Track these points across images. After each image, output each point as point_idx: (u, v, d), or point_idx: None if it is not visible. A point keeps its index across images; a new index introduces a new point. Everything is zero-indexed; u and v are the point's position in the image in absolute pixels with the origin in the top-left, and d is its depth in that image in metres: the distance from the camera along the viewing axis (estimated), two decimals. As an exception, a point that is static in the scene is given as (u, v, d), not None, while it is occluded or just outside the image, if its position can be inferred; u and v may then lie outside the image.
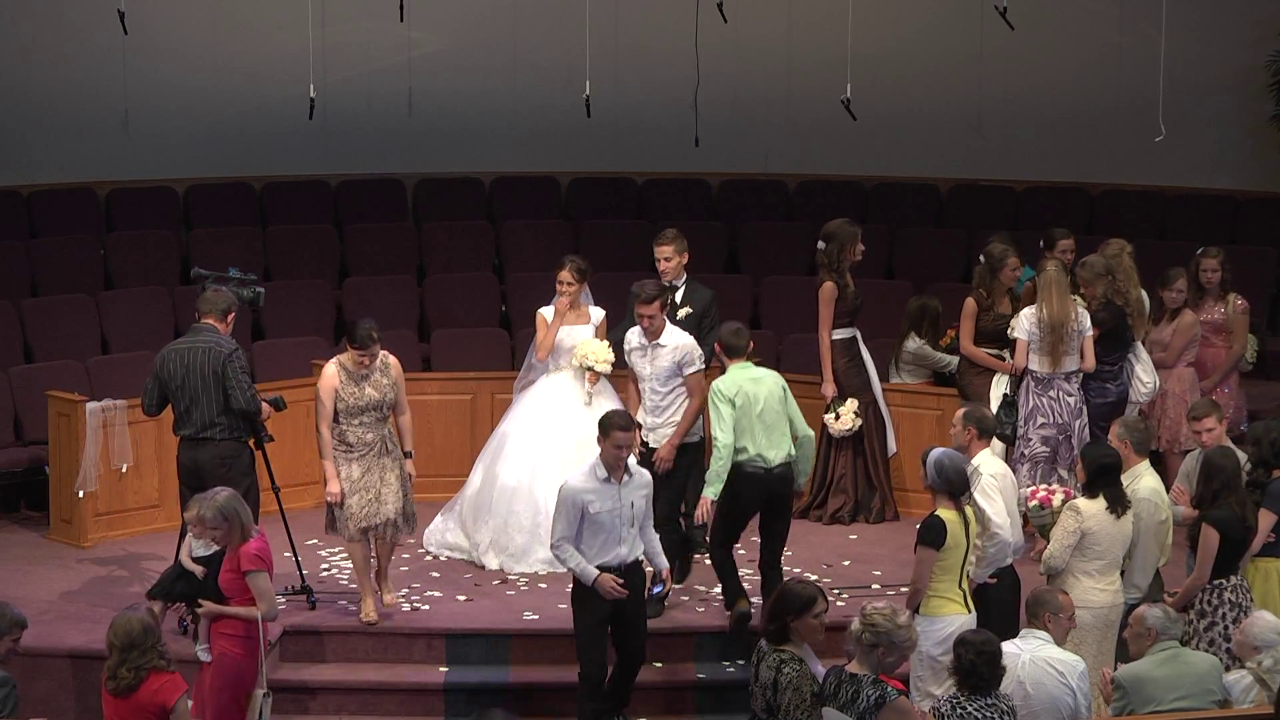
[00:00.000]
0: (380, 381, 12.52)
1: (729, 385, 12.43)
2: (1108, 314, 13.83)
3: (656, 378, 13.03)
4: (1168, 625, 10.32)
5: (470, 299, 17.35)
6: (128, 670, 9.68)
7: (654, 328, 13.00)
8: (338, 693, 12.32)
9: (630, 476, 11.57)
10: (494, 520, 13.64)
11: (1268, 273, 17.62)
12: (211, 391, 12.34)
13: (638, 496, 11.59)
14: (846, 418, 14.41)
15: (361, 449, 12.50)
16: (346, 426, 12.50)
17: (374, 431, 12.52)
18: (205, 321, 12.54)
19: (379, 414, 12.54)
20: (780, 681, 9.42)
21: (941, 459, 10.90)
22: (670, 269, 13.83)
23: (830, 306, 14.38)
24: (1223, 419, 12.24)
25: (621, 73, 18.25)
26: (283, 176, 18.45)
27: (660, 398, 13.04)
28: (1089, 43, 18.70)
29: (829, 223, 14.59)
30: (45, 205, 17.68)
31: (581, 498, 11.43)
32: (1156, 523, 11.58)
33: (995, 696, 9.51)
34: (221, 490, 10.96)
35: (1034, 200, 18.61)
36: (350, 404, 12.47)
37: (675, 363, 12.99)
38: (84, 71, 17.84)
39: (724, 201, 18.87)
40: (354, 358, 12.47)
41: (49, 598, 13.11)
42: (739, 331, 12.69)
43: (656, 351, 13.02)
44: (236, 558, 10.77)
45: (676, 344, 13.04)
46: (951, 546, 10.79)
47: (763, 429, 12.40)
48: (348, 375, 12.50)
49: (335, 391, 12.46)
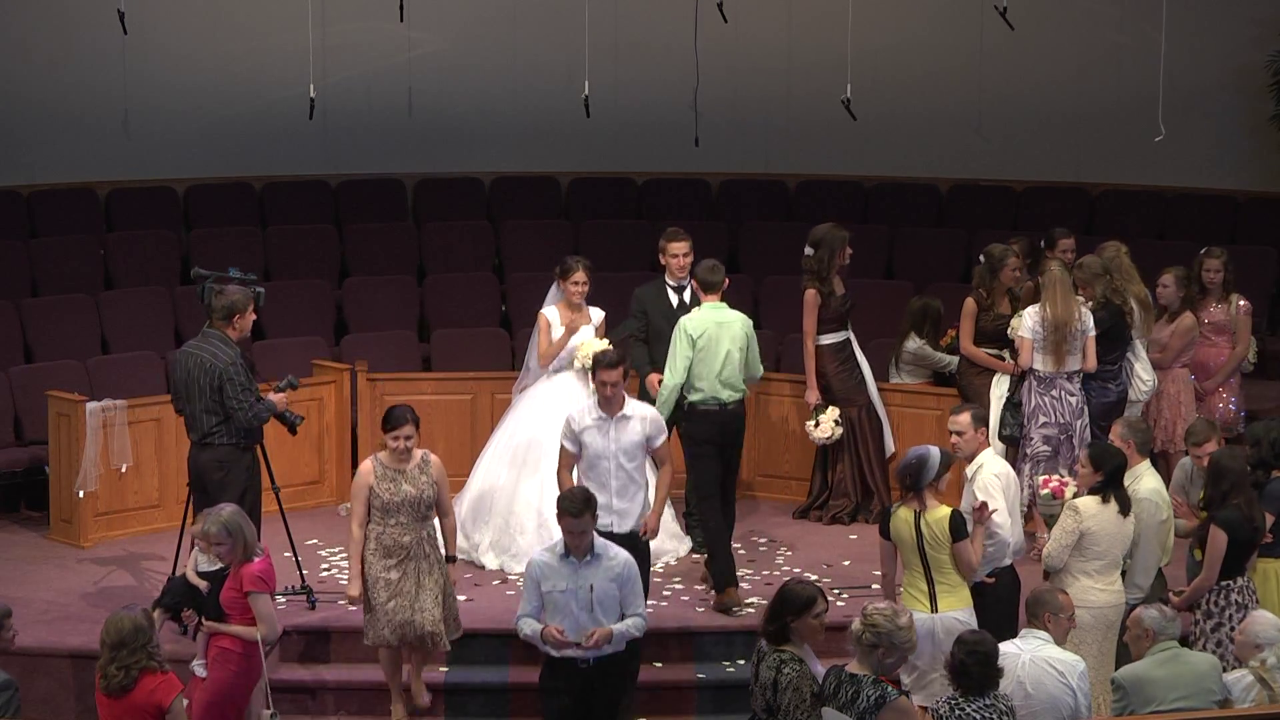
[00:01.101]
0: (419, 478, 11.66)
1: (696, 325, 12.92)
2: (1106, 313, 13.83)
3: (624, 453, 11.93)
4: (1164, 625, 10.32)
5: (470, 299, 17.35)
6: (117, 669, 9.67)
7: (616, 397, 11.93)
8: (338, 693, 12.33)
9: (594, 557, 10.61)
10: (494, 521, 13.65)
11: (1268, 273, 17.63)
12: (206, 400, 12.30)
13: (601, 580, 10.58)
14: (826, 425, 14.39)
15: (398, 551, 11.64)
16: (383, 527, 11.63)
17: (411, 533, 11.64)
18: (213, 328, 12.50)
19: (416, 513, 11.66)
20: (780, 681, 9.42)
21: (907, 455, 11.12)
22: (686, 266, 13.86)
23: (814, 313, 14.38)
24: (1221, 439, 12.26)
25: (621, 73, 18.26)
26: (283, 176, 18.46)
27: (627, 477, 11.94)
28: (1089, 43, 18.70)
29: (817, 228, 14.52)
30: (45, 205, 17.68)
31: (537, 571, 10.65)
32: (1157, 523, 11.59)
33: (994, 697, 9.50)
34: (226, 506, 10.95)
35: (1034, 200, 18.62)
36: (386, 501, 11.60)
37: (645, 435, 11.98)
38: (84, 71, 17.84)
39: (724, 201, 18.88)
40: (390, 451, 11.65)
41: (49, 598, 13.12)
42: (715, 268, 13.17)
43: (621, 426, 11.92)
44: (239, 576, 10.77)
45: (644, 414, 12.05)
46: (897, 541, 10.95)
47: (720, 373, 12.94)
48: (384, 470, 11.66)
49: (369, 489, 11.61)
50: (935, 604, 10.91)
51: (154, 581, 13.13)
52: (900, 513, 11.02)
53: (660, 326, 13.71)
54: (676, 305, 13.92)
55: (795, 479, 15.09)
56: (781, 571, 13.52)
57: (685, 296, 13.90)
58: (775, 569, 13.63)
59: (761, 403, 15.22)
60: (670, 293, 14.02)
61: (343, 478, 15.11)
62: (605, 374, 11.90)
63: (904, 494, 11.08)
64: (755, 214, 18.68)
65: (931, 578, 10.94)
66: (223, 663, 10.79)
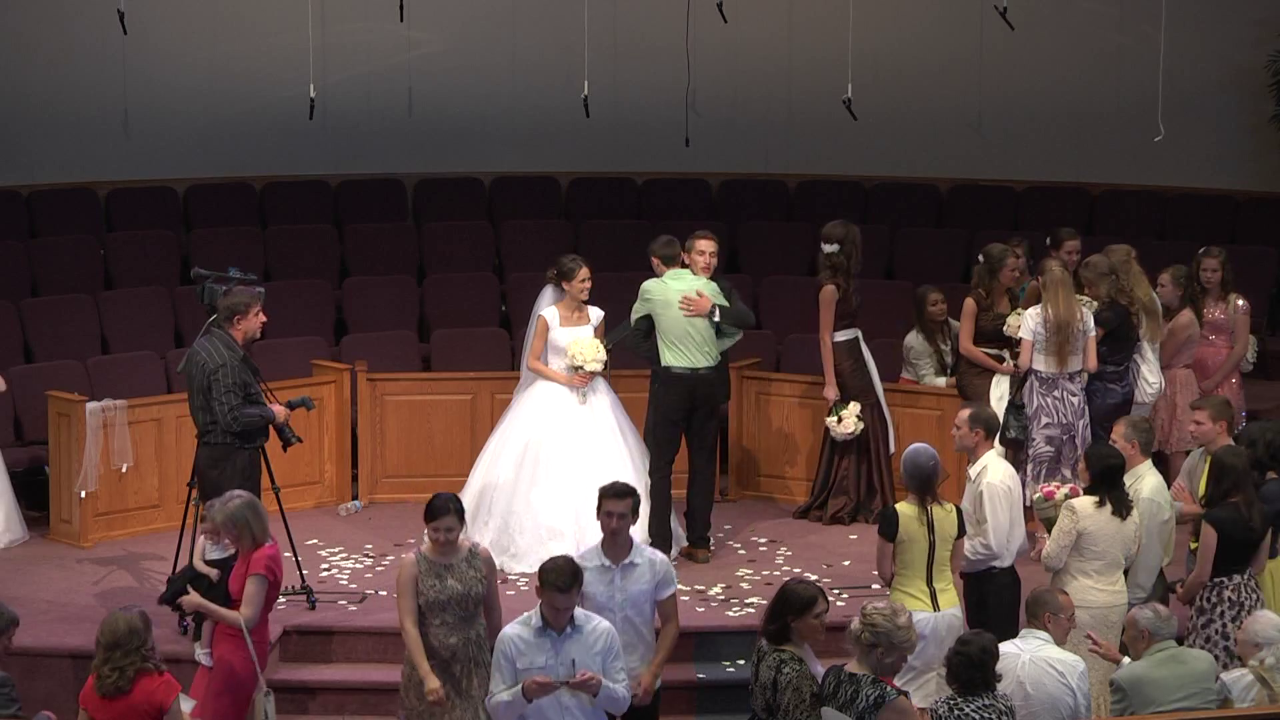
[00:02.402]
0: (466, 573, 10.49)
1: (656, 287, 13.42)
2: (1112, 314, 13.82)
3: (631, 605, 10.35)
4: (1159, 625, 10.31)
5: (470, 299, 17.35)
6: (111, 670, 9.64)
7: (622, 532, 10.34)
8: (338, 693, 12.33)
9: (574, 629, 9.72)
10: (494, 521, 13.65)
11: (1268, 273, 17.63)
12: (199, 397, 12.35)
13: (584, 655, 9.66)
14: (849, 421, 14.38)
15: (443, 652, 10.46)
16: (425, 626, 10.46)
17: (458, 633, 10.48)
18: (219, 327, 12.50)
19: (463, 611, 10.46)
20: (780, 681, 9.42)
21: (908, 454, 11.08)
22: (712, 266, 13.85)
23: (831, 309, 14.37)
24: (1220, 420, 12.19)
25: (621, 72, 18.26)
26: (283, 176, 18.46)
27: (635, 633, 10.35)
28: (1089, 43, 18.70)
29: (832, 226, 14.46)
30: (45, 205, 17.69)
31: (511, 648, 9.72)
32: (1160, 523, 11.57)
33: (992, 697, 9.50)
34: (237, 495, 10.95)
35: (1034, 200, 18.62)
36: (431, 599, 10.44)
37: (653, 583, 10.38)
38: (84, 71, 17.84)
39: (724, 201, 18.87)
40: (433, 544, 10.54)
41: (49, 598, 13.12)
42: (670, 242, 13.65)
43: (628, 573, 10.36)
44: (249, 561, 10.78)
45: (652, 558, 10.45)
46: (906, 541, 10.89)
47: (690, 340, 13.27)
48: (429, 565, 10.48)
49: (415, 583, 10.45)
50: (936, 602, 10.91)
51: (154, 581, 13.13)
52: (909, 511, 10.97)
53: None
54: None
55: (795, 479, 15.09)
56: (781, 571, 13.52)
57: None
58: (775, 569, 13.63)
59: (761, 402, 15.22)
60: None
61: (342, 478, 15.13)
62: (611, 504, 10.39)
63: (919, 495, 10.98)
64: (755, 214, 18.68)
65: (932, 576, 10.93)
66: (230, 647, 10.80)
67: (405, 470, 15.18)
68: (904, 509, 10.99)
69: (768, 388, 15.24)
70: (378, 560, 13.80)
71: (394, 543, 14.14)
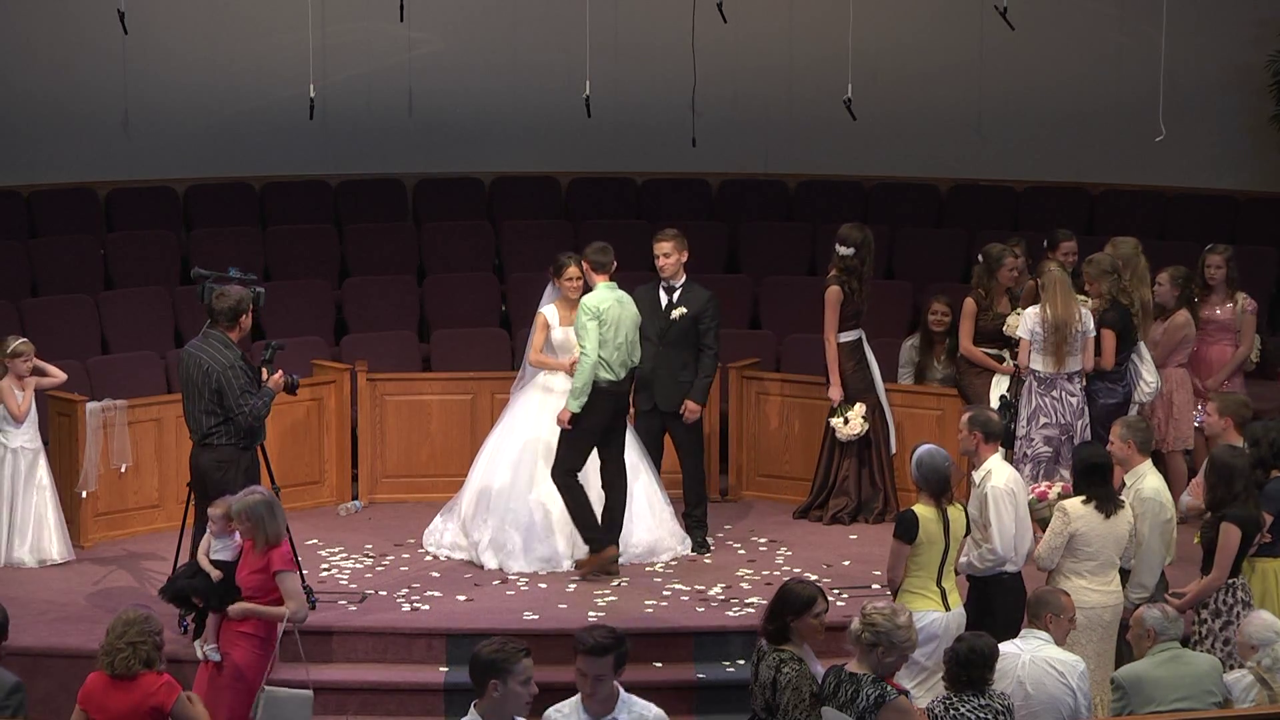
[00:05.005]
0: None
1: (597, 301, 13.22)
2: (1115, 313, 13.81)
3: None
4: (1166, 626, 10.32)
5: (470, 299, 17.35)
6: (125, 644, 9.59)
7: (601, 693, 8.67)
8: (338, 692, 12.31)
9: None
10: (493, 519, 13.65)
11: (1268, 273, 17.62)
12: (204, 401, 12.30)
13: None
14: (855, 422, 14.37)
15: None
16: None
17: None
18: (214, 329, 12.48)
19: None
20: (780, 681, 9.42)
21: (923, 456, 11.00)
22: (669, 266, 13.90)
23: (836, 310, 14.36)
24: (1227, 416, 12.18)
25: (621, 72, 18.24)
26: (283, 176, 18.45)
27: None
28: (1089, 43, 18.70)
29: (854, 229, 14.43)
30: (45, 205, 17.68)
31: None
32: (1161, 522, 11.56)
33: (990, 696, 9.50)
34: (257, 491, 11.01)
35: (1034, 200, 18.61)
36: None
37: None
38: (84, 71, 17.84)
39: (724, 201, 18.87)
40: None
41: (49, 598, 13.11)
42: (604, 249, 13.48)
43: None
44: (265, 559, 10.80)
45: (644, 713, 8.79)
46: (925, 543, 10.86)
47: (618, 350, 13.22)
48: None
49: None
50: (946, 602, 10.91)
51: (154, 582, 13.12)
52: (927, 513, 10.90)
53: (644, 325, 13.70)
54: (664, 305, 13.96)
55: (795, 479, 15.08)
56: (781, 571, 13.52)
57: (675, 296, 13.93)
58: (775, 569, 13.63)
59: (761, 403, 15.22)
60: (661, 293, 14.06)
61: (342, 478, 15.13)
62: (584, 664, 8.61)
63: (936, 496, 10.93)
64: (755, 214, 18.67)
65: (943, 576, 10.92)
66: (244, 647, 10.83)
67: (405, 470, 15.19)
68: (923, 511, 10.91)
69: (767, 388, 15.23)
70: (377, 560, 13.80)
71: (394, 542, 14.14)
